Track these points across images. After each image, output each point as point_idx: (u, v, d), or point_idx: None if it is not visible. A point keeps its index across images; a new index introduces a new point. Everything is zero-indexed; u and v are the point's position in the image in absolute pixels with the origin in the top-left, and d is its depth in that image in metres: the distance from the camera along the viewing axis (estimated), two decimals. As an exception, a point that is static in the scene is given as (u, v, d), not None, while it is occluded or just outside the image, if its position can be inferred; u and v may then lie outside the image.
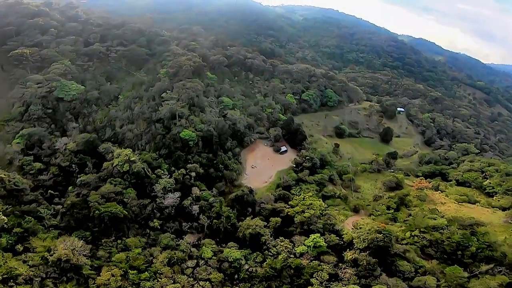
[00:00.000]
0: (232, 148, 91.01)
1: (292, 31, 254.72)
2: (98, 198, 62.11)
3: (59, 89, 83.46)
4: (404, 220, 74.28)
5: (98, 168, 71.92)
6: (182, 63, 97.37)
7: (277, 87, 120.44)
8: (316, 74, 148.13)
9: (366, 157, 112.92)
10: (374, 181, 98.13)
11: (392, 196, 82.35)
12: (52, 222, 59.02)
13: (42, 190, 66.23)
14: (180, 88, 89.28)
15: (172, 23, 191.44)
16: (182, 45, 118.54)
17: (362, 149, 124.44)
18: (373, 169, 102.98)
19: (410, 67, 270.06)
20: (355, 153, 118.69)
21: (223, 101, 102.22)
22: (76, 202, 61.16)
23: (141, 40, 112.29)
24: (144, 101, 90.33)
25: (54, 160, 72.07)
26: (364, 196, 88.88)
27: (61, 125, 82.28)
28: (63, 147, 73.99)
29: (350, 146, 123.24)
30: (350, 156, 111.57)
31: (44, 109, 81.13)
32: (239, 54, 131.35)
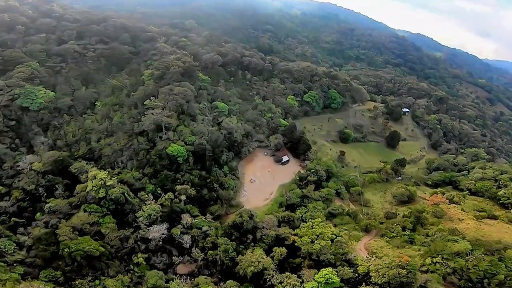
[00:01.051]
0: (228, 161, 79.83)
1: (290, 26, 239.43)
2: (69, 231, 51.15)
3: (23, 96, 69.63)
4: (422, 243, 65.72)
5: (71, 190, 60.04)
6: (169, 64, 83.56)
7: (277, 88, 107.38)
8: (318, 73, 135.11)
9: (373, 165, 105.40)
10: (383, 192, 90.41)
11: (406, 214, 73.25)
12: (17, 257, 48.10)
13: (5, 216, 54.78)
14: (166, 93, 75.94)
15: (163, 18, 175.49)
16: (171, 42, 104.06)
17: (368, 155, 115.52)
18: (382, 179, 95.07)
19: (412, 64, 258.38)
20: (361, 160, 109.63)
21: (217, 107, 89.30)
22: (42, 236, 50.22)
23: (124, 37, 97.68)
24: (125, 109, 77.12)
25: (17, 183, 59.99)
26: (374, 212, 79.73)
27: (27, 139, 69.12)
28: (27, 167, 61.53)
29: (355, 152, 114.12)
30: (356, 165, 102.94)
31: (5, 121, 67.81)
32: (235, 51, 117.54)
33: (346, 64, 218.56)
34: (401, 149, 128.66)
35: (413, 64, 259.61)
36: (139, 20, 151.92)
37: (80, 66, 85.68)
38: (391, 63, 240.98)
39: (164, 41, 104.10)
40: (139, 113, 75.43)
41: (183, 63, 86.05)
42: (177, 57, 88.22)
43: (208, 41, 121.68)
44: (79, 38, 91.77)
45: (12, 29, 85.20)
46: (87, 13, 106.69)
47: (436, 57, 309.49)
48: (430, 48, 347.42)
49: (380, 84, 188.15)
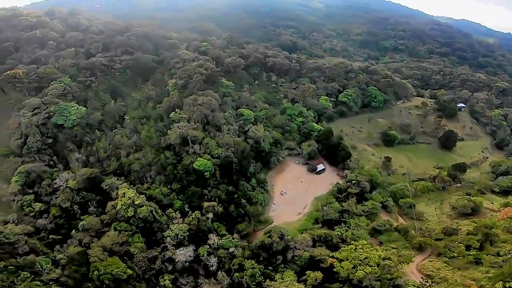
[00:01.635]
0: (256, 172, 79.67)
1: (313, 20, 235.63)
2: (99, 252, 54.69)
3: (57, 114, 76.64)
4: (492, 264, 58.58)
5: (104, 206, 64.75)
6: (192, 72, 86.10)
7: (307, 90, 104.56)
8: (353, 69, 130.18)
9: (425, 170, 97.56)
10: (439, 203, 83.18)
11: (472, 230, 66.20)
12: (52, 275, 51.59)
13: (45, 233, 60.46)
14: (191, 104, 78.06)
15: (182, 22, 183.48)
16: (192, 48, 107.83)
17: (418, 159, 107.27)
18: (437, 188, 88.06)
19: (462, 52, 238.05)
20: (410, 166, 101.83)
21: (242, 114, 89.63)
22: (74, 256, 54.46)
23: (147, 46, 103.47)
24: (152, 122, 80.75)
25: (55, 200, 66.02)
26: (429, 227, 72.73)
27: (63, 156, 75.86)
28: (64, 185, 67.64)
29: (402, 156, 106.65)
30: (405, 171, 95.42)
31: (43, 139, 74.99)
32: (257, 52, 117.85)
33: (383, 56, 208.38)
34: (459, 150, 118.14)
35: (463, 52, 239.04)
36: (160, 26, 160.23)
37: (108, 79, 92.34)
38: (437, 53, 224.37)
39: (185, 47, 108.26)
40: (165, 126, 78.80)
41: (205, 69, 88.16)
42: (199, 63, 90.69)
43: (229, 43, 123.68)
44: (106, 50, 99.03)
45: (45, 45, 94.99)
46: (110, 23, 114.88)
47: (489, 44, 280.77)
48: (479, 34, 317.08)
49: (427, 77, 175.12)
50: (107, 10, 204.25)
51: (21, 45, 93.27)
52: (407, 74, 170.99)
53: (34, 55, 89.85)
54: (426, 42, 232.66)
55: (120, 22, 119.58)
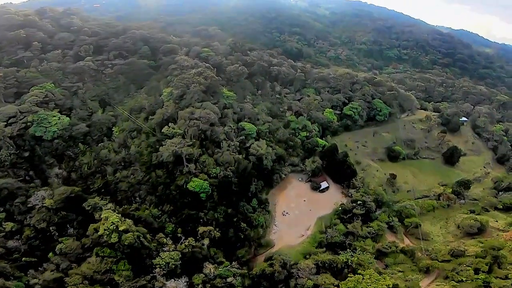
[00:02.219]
0: (257, 191, 69.86)
1: (319, 27, 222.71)
2: (78, 280, 46.06)
3: (36, 124, 64.61)
4: None
5: (85, 227, 54.38)
6: (189, 81, 73.86)
7: (312, 102, 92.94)
8: (359, 80, 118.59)
9: (429, 187, 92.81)
10: (444, 221, 78.77)
11: (480, 253, 60.03)
12: None
13: (18, 254, 51.09)
14: (186, 118, 66.18)
15: (186, 25, 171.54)
16: (193, 53, 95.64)
17: (422, 175, 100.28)
18: (442, 205, 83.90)
19: (463, 63, 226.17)
20: (415, 182, 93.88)
21: (244, 128, 77.86)
22: (50, 284, 46.13)
23: (144, 49, 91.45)
24: (143, 136, 68.86)
25: (29, 220, 55.61)
26: (435, 248, 67.33)
27: (42, 171, 64.17)
28: (40, 203, 56.70)
29: (407, 172, 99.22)
30: (410, 188, 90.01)
31: (19, 153, 63.13)
32: (261, 60, 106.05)
33: (387, 66, 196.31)
34: (462, 166, 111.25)
35: (464, 63, 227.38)
36: (162, 29, 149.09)
37: (98, 85, 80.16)
38: (439, 64, 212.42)
39: (185, 53, 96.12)
40: (158, 141, 67.34)
41: (204, 78, 76.26)
42: (199, 71, 78.66)
43: (232, 49, 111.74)
44: (98, 53, 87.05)
45: (30, 46, 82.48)
46: (107, 25, 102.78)
47: (489, 55, 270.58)
48: (477, 44, 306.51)
49: (430, 89, 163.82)
50: (108, 11, 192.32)
51: (3, 46, 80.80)
52: (410, 86, 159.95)
53: (16, 56, 77.68)
54: (429, 52, 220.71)
55: (117, 23, 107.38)
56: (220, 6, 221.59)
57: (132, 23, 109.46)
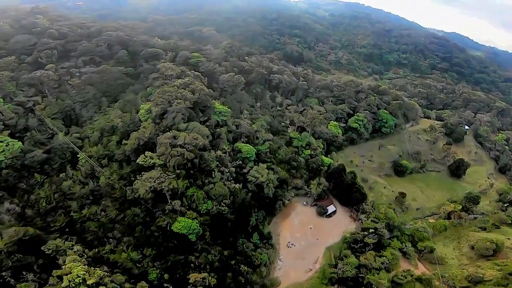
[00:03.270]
0: (259, 222, 56.96)
1: (319, 29, 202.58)
2: None
3: (-30, 153, 45.89)
4: None
5: (49, 271, 40.33)
6: (172, 95, 55.49)
7: (316, 117, 76.23)
8: (363, 88, 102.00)
9: (437, 203, 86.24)
10: (457, 241, 72.72)
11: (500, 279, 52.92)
12: None
13: None
14: (167, 144, 48.57)
15: (178, 25, 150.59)
16: (180, 59, 76.58)
17: (429, 190, 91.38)
18: (453, 224, 77.77)
19: (460, 68, 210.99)
20: (423, 198, 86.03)
21: (240, 150, 60.79)
22: None
23: (121, 54, 72.01)
24: (115, 166, 51.45)
25: None
26: (452, 274, 59.53)
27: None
28: None
29: (414, 188, 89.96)
30: (419, 206, 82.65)
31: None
32: (261, 66, 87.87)
33: (387, 71, 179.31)
34: (467, 177, 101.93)
35: (461, 68, 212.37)
36: (150, 29, 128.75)
37: (62, 99, 61.17)
38: (438, 68, 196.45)
39: (171, 58, 76.78)
40: (133, 171, 49.94)
41: (192, 92, 57.97)
42: (185, 82, 60.21)
43: (228, 54, 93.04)
44: (64, 59, 67.63)
45: (-22, 51, 62.45)
46: (79, 25, 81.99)
47: (482, 59, 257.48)
48: (467, 47, 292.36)
49: (432, 95, 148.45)
50: (91, 9, 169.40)
51: None
52: (412, 93, 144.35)
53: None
54: (428, 56, 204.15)
55: (93, 23, 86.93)
56: (217, 6, 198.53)
57: (112, 23, 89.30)
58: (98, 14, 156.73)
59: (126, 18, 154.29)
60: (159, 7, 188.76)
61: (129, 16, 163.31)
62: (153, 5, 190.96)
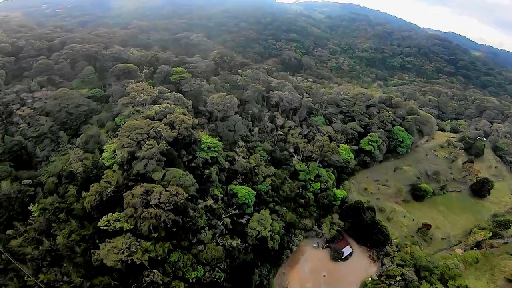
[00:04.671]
0: (263, 278, 46.81)
1: (317, 33, 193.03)
2: None
3: None
4: None
5: None
6: (143, 135, 43.04)
7: (326, 144, 64.76)
8: (375, 102, 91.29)
9: (463, 229, 79.74)
10: (490, 273, 66.73)
11: None
12: None
13: None
14: (137, 204, 36.47)
15: (164, 32, 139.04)
16: (159, 75, 64.23)
17: (452, 214, 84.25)
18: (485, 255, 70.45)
19: (466, 71, 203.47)
20: (446, 225, 78.97)
21: (237, 193, 49.01)
22: None
23: (86, 72, 59.52)
24: (73, 224, 39.87)
25: None
26: None
27: None
28: None
29: (435, 213, 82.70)
30: (444, 236, 75.27)
31: None
32: (258, 81, 76.40)
33: (392, 76, 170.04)
34: (490, 196, 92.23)
35: (467, 71, 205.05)
36: (132, 36, 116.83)
37: (10, 134, 48.50)
38: (444, 72, 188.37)
39: (148, 75, 64.37)
40: (98, 231, 37.95)
41: (170, 126, 45.70)
42: (162, 110, 47.96)
43: (218, 66, 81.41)
44: (16, 80, 54.92)
45: None
46: (43, 36, 69.19)
47: (487, 60, 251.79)
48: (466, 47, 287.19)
49: (443, 104, 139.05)
50: (72, 16, 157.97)
51: None
52: (423, 101, 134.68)
53: None
54: (433, 60, 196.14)
55: (64, 33, 74.31)
56: (207, 10, 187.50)
57: (83, 32, 76.57)
58: (78, 21, 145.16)
59: (108, 25, 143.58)
60: (145, 12, 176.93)
61: (112, 22, 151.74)
62: (138, 10, 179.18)
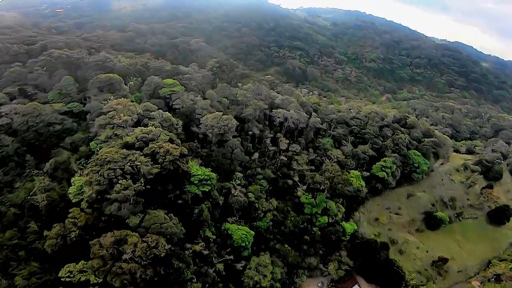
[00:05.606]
0: None
1: (322, 41, 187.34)
2: None
3: None
4: None
5: None
6: (117, 171, 35.38)
7: (337, 175, 57.27)
8: (389, 122, 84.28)
9: (480, 259, 76.28)
10: None
11: None
12: None
13: None
14: (107, 256, 28.89)
15: (161, 36, 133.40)
16: (147, 89, 56.86)
17: (468, 243, 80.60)
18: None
19: (478, 84, 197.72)
20: (463, 256, 75.24)
21: (231, 235, 41.64)
22: None
23: (65, 83, 52.44)
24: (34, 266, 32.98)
25: None
26: None
27: None
28: None
29: (451, 242, 79.05)
30: (461, 268, 71.02)
31: None
32: (259, 95, 69.39)
33: (401, 89, 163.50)
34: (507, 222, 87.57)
35: (479, 84, 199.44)
36: (127, 40, 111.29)
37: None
38: (456, 86, 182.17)
39: (133, 89, 57.14)
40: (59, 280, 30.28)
41: (153, 158, 38.22)
42: (144, 135, 40.60)
43: (216, 76, 74.52)
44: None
45: None
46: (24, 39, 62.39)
47: (499, 73, 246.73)
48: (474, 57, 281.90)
49: (456, 121, 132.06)
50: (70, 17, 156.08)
51: None
52: (435, 119, 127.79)
53: None
54: (444, 72, 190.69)
55: (42, 36, 67.63)
56: (207, 14, 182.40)
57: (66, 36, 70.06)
58: (75, 22, 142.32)
59: (105, 27, 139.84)
60: (144, 14, 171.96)
61: (110, 24, 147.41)
62: (137, 13, 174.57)
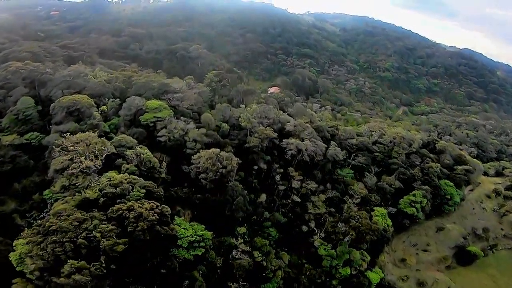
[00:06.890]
0: None
1: (332, 48, 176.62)
2: None
3: None
4: None
5: None
6: (67, 246, 24.22)
7: (365, 223, 45.66)
8: (416, 149, 72.68)
9: None
10: None
11: None
12: None
13: None
14: None
15: (159, 41, 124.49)
16: (125, 114, 45.37)
17: (504, 278, 73.30)
18: None
19: (497, 96, 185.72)
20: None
21: None
22: None
23: (22, 106, 41.52)
24: None
25: None
26: None
27: None
28: None
29: (485, 277, 71.12)
30: None
31: None
32: (265, 118, 58.09)
33: (418, 101, 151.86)
34: None
35: (498, 96, 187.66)
36: (120, 45, 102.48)
37: None
38: (476, 98, 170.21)
39: (109, 113, 46.03)
40: None
41: (121, 226, 26.87)
42: (109, 193, 29.34)
43: (215, 92, 63.47)
44: None
45: None
46: None
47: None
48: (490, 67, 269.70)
49: (482, 139, 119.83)
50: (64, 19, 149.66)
51: None
52: (459, 137, 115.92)
53: None
54: (462, 82, 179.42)
55: (9, 44, 57.31)
56: (210, 17, 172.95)
57: (36, 43, 59.60)
58: (69, 25, 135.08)
59: (101, 31, 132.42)
60: (143, 17, 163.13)
61: (106, 28, 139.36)
62: (137, 15, 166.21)
